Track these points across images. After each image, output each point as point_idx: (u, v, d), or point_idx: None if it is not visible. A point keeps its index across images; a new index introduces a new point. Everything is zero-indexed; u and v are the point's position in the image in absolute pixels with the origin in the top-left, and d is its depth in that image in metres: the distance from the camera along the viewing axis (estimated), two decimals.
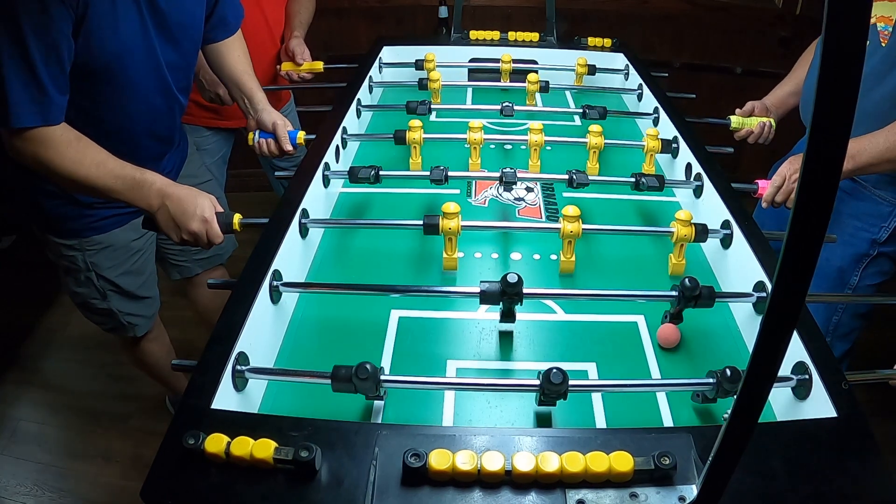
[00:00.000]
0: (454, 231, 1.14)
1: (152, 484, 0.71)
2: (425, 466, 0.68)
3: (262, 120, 1.50)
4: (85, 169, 1.16)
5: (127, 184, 1.18)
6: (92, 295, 1.53)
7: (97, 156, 1.17)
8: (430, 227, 1.14)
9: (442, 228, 1.14)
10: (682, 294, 0.98)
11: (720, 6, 2.80)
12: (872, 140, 1.29)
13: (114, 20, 1.16)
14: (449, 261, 1.17)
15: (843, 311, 1.40)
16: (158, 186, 1.20)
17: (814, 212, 0.43)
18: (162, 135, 1.43)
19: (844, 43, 0.38)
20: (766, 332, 0.48)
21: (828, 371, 0.86)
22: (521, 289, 0.96)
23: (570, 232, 1.14)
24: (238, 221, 1.21)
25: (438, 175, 1.30)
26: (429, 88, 1.77)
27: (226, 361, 0.86)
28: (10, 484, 1.93)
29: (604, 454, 0.69)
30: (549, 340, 1.06)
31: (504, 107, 1.61)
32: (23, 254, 2.78)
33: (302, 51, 1.93)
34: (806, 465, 0.72)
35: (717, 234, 1.20)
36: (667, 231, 1.18)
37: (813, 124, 0.40)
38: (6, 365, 2.36)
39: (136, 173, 1.19)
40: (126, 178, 1.18)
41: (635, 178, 1.31)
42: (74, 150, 1.15)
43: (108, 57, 1.18)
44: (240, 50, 1.54)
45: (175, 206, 1.19)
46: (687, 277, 0.98)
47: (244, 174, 2.41)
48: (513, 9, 2.81)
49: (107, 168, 1.17)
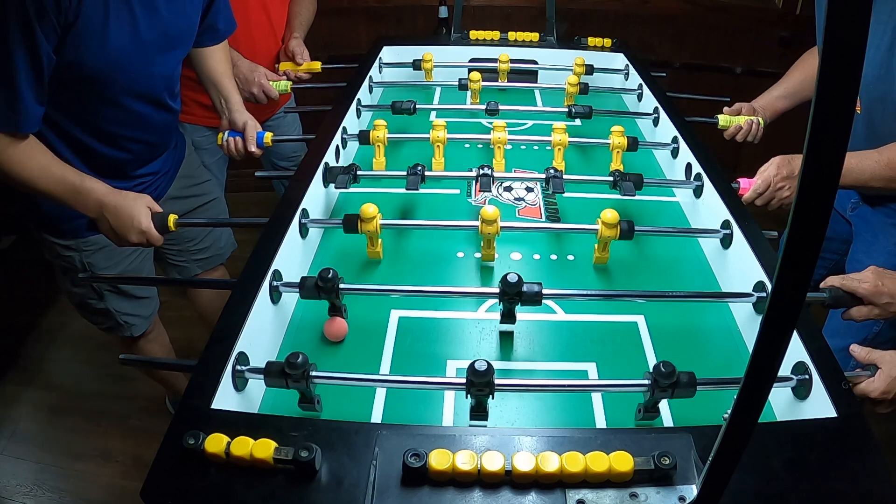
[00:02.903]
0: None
1: (152, 484, 0.71)
2: (425, 466, 0.68)
3: (234, 120, 1.55)
4: (28, 171, 1.17)
5: (67, 189, 1.21)
6: (89, 295, 1.53)
7: (41, 159, 1.19)
8: None
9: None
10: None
11: (720, 6, 2.80)
12: (861, 163, 1.31)
13: (105, 29, 1.16)
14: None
15: (884, 321, 1.40)
16: (96, 196, 1.22)
17: (814, 211, 0.43)
18: (153, 139, 1.44)
19: (844, 42, 0.38)
20: (766, 332, 0.48)
21: (828, 371, 0.86)
22: (521, 288, 0.95)
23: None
24: (173, 222, 1.25)
25: (414, 183, 1.30)
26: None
27: (226, 361, 0.86)
28: (10, 484, 1.93)
29: (604, 454, 0.69)
30: (549, 340, 1.06)
31: (489, 105, 1.62)
32: (23, 254, 2.78)
33: (301, 51, 1.94)
34: (806, 465, 0.72)
35: (717, 234, 1.20)
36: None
37: (813, 124, 0.40)
38: (6, 365, 2.36)
39: (76, 180, 1.21)
40: (67, 183, 1.21)
41: (613, 178, 1.32)
42: (20, 152, 1.16)
43: (100, 64, 1.19)
44: (222, 53, 1.58)
45: (113, 217, 1.23)
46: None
47: (244, 174, 2.41)
48: (513, 9, 2.81)
49: (49, 172, 1.19)
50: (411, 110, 1.62)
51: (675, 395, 0.83)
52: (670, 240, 1.29)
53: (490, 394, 0.82)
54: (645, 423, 0.87)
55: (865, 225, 1.50)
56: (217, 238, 1.81)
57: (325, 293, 0.99)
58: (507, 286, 0.95)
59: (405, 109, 1.62)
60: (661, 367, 0.81)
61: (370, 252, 1.22)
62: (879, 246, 1.45)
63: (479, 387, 0.81)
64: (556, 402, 0.93)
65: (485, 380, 0.80)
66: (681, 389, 0.82)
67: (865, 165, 1.30)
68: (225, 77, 1.57)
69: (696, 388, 0.82)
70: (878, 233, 1.46)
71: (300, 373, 0.83)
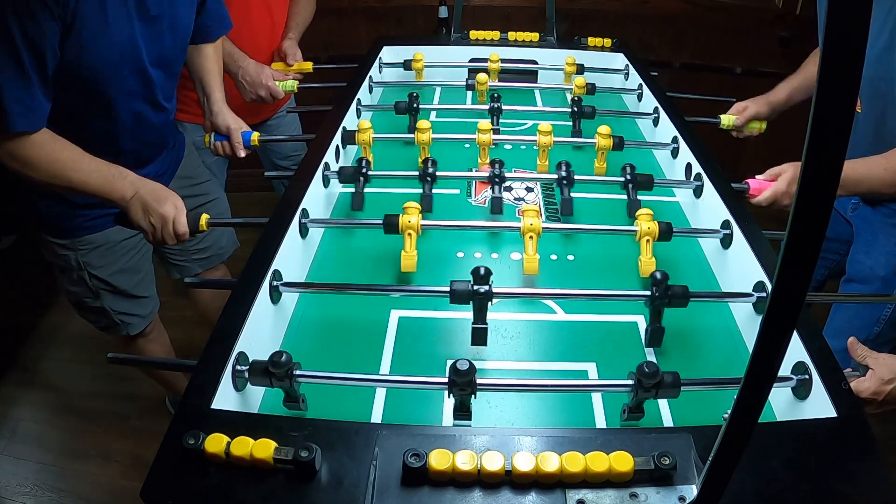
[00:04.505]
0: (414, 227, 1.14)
1: (152, 484, 0.71)
2: (425, 466, 0.68)
3: (216, 123, 1.55)
4: (60, 166, 1.19)
5: (101, 177, 1.22)
6: (85, 294, 1.54)
7: (72, 154, 1.20)
8: None
9: (401, 226, 1.14)
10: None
11: (720, 6, 2.79)
12: (870, 171, 1.31)
13: (104, 27, 1.17)
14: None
15: (885, 322, 1.41)
16: (132, 178, 1.25)
17: (814, 211, 0.43)
18: (149, 140, 1.45)
19: (845, 42, 0.38)
20: (766, 332, 0.48)
21: (828, 371, 0.85)
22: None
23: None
24: (205, 221, 1.25)
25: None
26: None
27: (226, 361, 0.86)
28: (10, 484, 1.93)
29: (604, 454, 0.69)
30: (549, 340, 1.06)
31: (492, 107, 1.62)
32: (23, 254, 2.78)
33: (294, 52, 1.94)
34: (806, 465, 0.72)
35: (717, 235, 1.20)
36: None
37: (813, 124, 0.40)
38: (6, 365, 2.36)
39: (110, 167, 1.24)
40: (101, 172, 1.22)
41: (625, 178, 1.32)
42: (49, 149, 1.18)
43: (98, 64, 1.19)
44: (212, 51, 1.58)
45: (148, 192, 1.24)
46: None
47: (244, 174, 2.41)
48: (513, 9, 2.81)
49: (82, 164, 1.21)
50: (415, 110, 1.61)
51: (660, 395, 0.83)
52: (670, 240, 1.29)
53: (472, 393, 0.81)
54: (630, 424, 0.87)
55: (866, 225, 1.50)
56: (218, 237, 1.81)
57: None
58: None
59: (408, 109, 1.61)
60: (644, 367, 0.81)
61: (405, 263, 1.15)
62: (880, 246, 1.45)
63: (461, 386, 0.80)
64: (557, 402, 0.93)
65: (467, 379, 0.79)
66: (665, 390, 0.82)
67: (874, 174, 1.30)
68: (210, 74, 1.57)
69: (680, 389, 0.82)
70: (879, 233, 1.46)
71: (284, 371, 0.82)
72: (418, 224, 1.14)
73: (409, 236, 1.15)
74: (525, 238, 1.15)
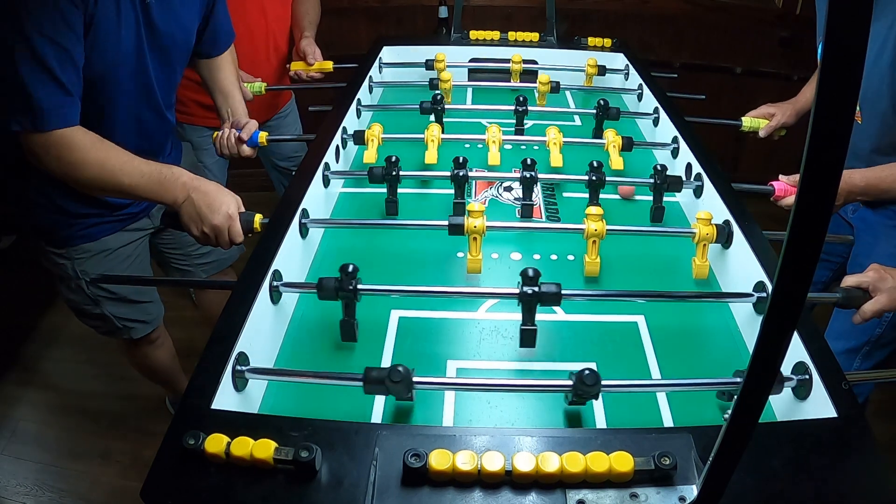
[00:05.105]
0: (479, 230, 1.14)
1: (152, 484, 0.71)
2: (425, 466, 0.68)
3: (237, 122, 1.56)
4: (110, 169, 1.18)
5: (154, 179, 1.21)
6: (84, 301, 1.52)
7: (121, 156, 1.20)
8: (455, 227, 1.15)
9: (467, 228, 1.14)
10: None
11: (720, 6, 2.80)
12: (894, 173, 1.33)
13: (117, 30, 1.17)
14: (473, 262, 1.16)
15: (886, 324, 1.42)
16: (184, 180, 1.22)
17: (814, 211, 0.43)
18: (147, 147, 1.44)
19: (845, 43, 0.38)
20: (767, 332, 0.48)
21: (828, 371, 0.86)
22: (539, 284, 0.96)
23: (595, 231, 1.14)
24: (259, 221, 1.22)
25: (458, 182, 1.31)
26: (440, 88, 1.76)
27: (226, 361, 0.86)
28: (10, 484, 1.93)
29: (604, 454, 0.69)
30: (550, 340, 1.05)
31: (517, 109, 1.62)
32: (23, 254, 2.77)
33: (313, 51, 1.94)
34: (806, 465, 0.72)
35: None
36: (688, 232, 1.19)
37: (813, 124, 0.40)
38: (6, 365, 2.36)
39: (162, 169, 1.22)
40: (153, 174, 1.21)
41: (654, 180, 1.31)
42: (97, 151, 1.17)
43: (105, 67, 1.19)
44: (231, 64, 1.59)
45: (201, 198, 1.21)
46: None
47: (244, 174, 2.41)
48: (513, 9, 2.81)
49: (132, 166, 1.20)
50: (440, 109, 1.61)
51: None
52: (670, 240, 1.29)
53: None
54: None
55: (867, 227, 1.50)
56: None
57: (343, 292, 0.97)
58: (526, 280, 0.94)
59: (433, 109, 1.61)
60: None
61: (471, 266, 1.15)
62: (881, 248, 1.45)
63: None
64: (557, 402, 0.93)
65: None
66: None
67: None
68: (234, 87, 1.58)
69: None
70: (880, 235, 1.46)
71: (404, 388, 0.82)
72: (483, 227, 1.15)
73: (475, 240, 1.15)
74: (588, 242, 1.15)
